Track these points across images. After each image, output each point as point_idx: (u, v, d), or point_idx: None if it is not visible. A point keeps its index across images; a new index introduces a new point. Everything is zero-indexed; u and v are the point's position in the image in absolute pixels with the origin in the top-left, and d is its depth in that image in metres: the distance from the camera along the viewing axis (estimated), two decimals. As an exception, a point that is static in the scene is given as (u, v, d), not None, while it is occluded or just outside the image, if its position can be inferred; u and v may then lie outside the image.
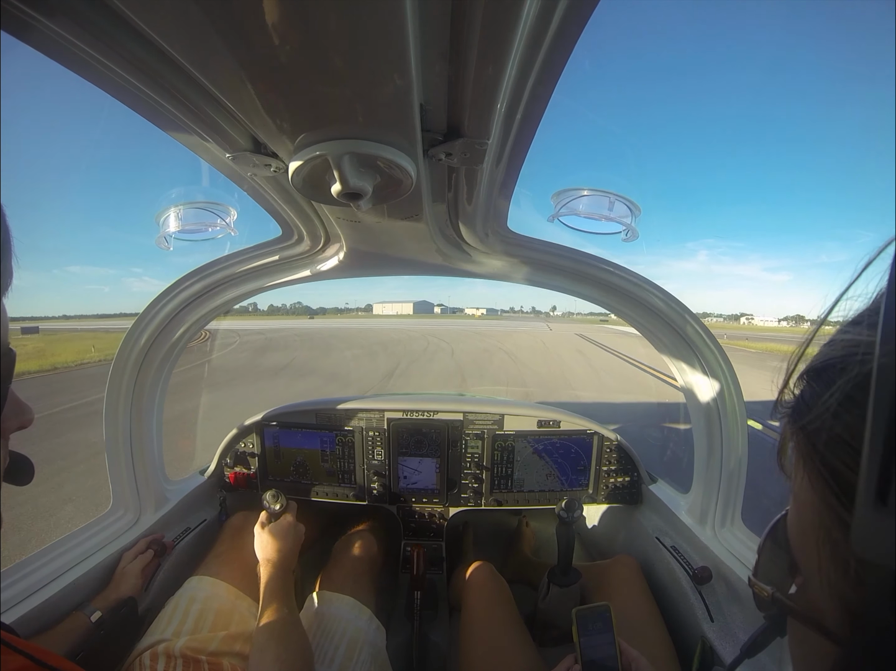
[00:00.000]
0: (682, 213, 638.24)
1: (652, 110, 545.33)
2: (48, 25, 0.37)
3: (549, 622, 1.16)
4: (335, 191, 0.51)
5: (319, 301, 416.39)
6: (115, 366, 1.11)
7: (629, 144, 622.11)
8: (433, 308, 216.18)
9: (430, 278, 22.82)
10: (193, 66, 0.38)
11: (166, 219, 0.83)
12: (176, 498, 1.31)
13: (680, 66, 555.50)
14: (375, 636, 1.04)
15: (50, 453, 4.55)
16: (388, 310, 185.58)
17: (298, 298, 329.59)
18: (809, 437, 0.24)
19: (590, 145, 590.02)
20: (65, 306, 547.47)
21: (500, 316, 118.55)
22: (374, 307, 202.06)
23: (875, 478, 0.17)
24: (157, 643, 0.86)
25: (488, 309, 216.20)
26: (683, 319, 1.03)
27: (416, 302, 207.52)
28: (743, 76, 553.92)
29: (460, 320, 64.55)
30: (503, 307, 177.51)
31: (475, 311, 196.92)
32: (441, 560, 1.46)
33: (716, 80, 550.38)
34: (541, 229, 0.89)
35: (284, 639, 0.80)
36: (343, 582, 1.13)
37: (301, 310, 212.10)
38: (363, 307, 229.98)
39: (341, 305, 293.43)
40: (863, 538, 0.18)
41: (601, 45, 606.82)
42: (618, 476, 1.42)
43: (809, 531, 0.25)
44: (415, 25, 0.34)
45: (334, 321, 68.25)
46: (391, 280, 33.81)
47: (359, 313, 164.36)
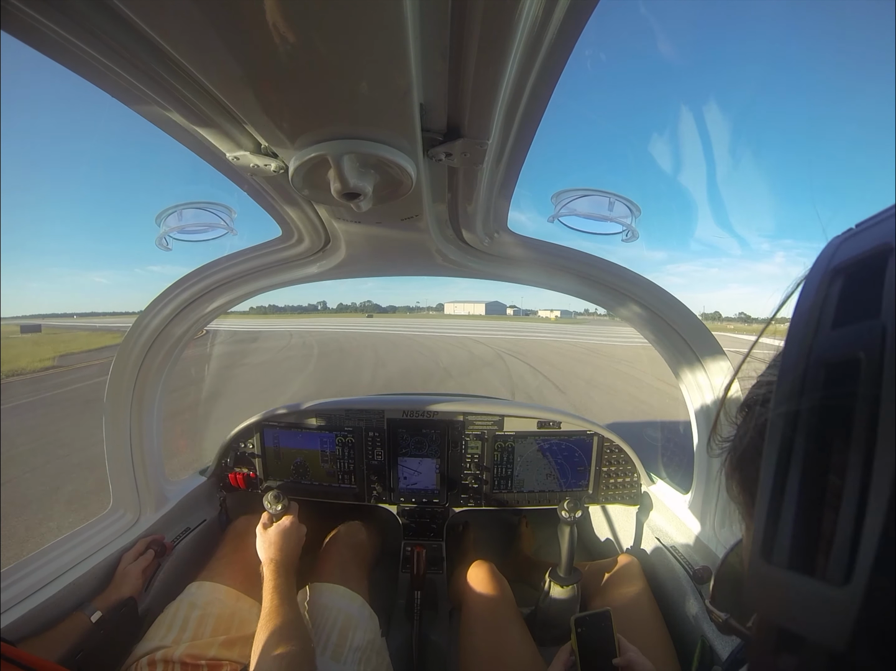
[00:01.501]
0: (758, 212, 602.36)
1: (651, 110, 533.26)
2: (48, 25, 0.37)
3: (550, 621, 1.16)
4: (335, 191, 0.51)
5: (389, 299, 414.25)
6: (116, 367, 1.11)
7: (630, 144, 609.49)
8: (505, 309, 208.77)
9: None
10: (194, 66, 0.38)
11: (167, 219, 0.83)
12: (176, 498, 1.31)
13: (680, 66, 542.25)
14: (368, 622, 1.03)
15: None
16: (460, 310, 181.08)
17: (369, 297, 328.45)
18: (746, 479, 0.26)
19: (590, 145, 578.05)
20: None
21: (576, 319, 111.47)
22: (445, 307, 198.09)
23: (761, 535, 0.17)
24: (155, 650, 0.86)
25: (563, 311, 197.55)
26: (684, 319, 1.03)
27: (488, 303, 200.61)
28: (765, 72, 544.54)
29: (533, 323, 56.94)
30: (577, 308, 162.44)
31: (549, 314, 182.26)
32: (441, 560, 1.46)
33: (718, 79, 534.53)
34: (541, 229, 0.89)
35: (287, 638, 0.80)
36: (331, 571, 1.13)
37: (370, 307, 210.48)
38: (434, 306, 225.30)
39: (412, 304, 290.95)
40: (753, 588, 0.17)
41: (602, 44, 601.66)
42: (618, 476, 1.42)
43: None
44: (415, 25, 0.34)
45: (394, 320, 59.70)
46: (464, 279, 31.31)
47: (430, 312, 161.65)
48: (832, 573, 0.14)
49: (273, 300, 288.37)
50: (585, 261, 0.95)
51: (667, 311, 1.03)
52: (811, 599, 0.15)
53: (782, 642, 0.17)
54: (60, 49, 0.40)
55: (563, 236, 0.86)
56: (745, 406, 0.26)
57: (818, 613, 0.14)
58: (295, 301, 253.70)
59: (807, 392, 0.16)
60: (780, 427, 0.17)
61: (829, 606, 0.14)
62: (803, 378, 0.16)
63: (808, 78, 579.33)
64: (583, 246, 0.95)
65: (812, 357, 0.16)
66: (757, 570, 0.17)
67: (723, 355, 1.04)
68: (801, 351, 0.17)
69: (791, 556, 0.16)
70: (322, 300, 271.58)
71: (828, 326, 0.17)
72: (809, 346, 0.17)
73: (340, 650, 0.92)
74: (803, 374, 0.16)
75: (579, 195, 0.73)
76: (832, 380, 0.15)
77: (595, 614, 0.83)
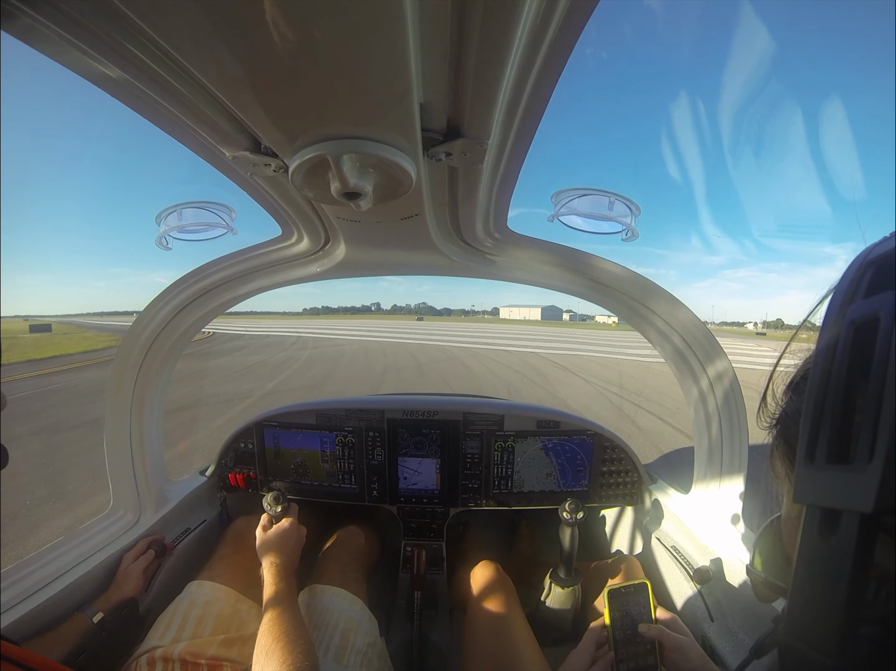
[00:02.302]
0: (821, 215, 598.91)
1: (652, 110, 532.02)
2: (48, 25, 0.37)
3: (550, 622, 1.16)
4: (335, 190, 0.51)
5: (445, 302, 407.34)
6: (116, 366, 1.11)
7: (630, 144, 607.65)
8: (562, 314, 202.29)
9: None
10: (194, 65, 0.38)
11: (167, 218, 0.83)
12: (176, 498, 1.31)
13: (680, 66, 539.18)
14: (369, 626, 1.03)
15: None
16: (515, 314, 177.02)
17: (424, 299, 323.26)
18: (789, 445, 0.28)
19: (590, 145, 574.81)
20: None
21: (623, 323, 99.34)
22: (500, 311, 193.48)
23: (805, 443, 0.22)
24: (154, 648, 0.86)
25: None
26: (684, 320, 1.03)
27: (545, 307, 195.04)
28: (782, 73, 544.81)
29: (588, 330, 48.71)
30: None
31: (607, 319, 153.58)
32: (441, 560, 1.46)
33: (717, 79, 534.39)
34: (541, 229, 0.89)
35: (289, 642, 0.79)
36: (331, 574, 1.13)
37: (424, 310, 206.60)
38: (489, 310, 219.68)
39: (467, 307, 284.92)
40: (799, 489, 0.23)
41: (602, 44, 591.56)
42: (618, 476, 1.41)
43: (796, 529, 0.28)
44: (415, 25, 0.34)
45: (446, 324, 55.91)
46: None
47: (485, 316, 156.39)
48: (859, 458, 0.19)
49: (327, 301, 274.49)
50: (585, 260, 0.95)
51: (667, 310, 1.03)
52: (845, 480, 0.20)
53: (824, 521, 0.21)
54: (61, 48, 0.40)
55: (564, 236, 0.86)
56: (792, 383, 0.30)
57: (850, 488, 0.19)
58: (348, 302, 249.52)
59: (840, 343, 0.21)
60: (820, 366, 0.22)
61: (858, 481, 0.19)
62: (837, 336, 0.22)
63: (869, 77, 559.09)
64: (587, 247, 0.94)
65: (846, 321, 0.21)
66: (803, 475, 0.22)
67: (724, 357, 1.04)
68: (837, 318, 0.22)
69: (828, 454, 0.21)
70: (376, 301, 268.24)
71: (860, 299, 0.22)
72: (844, 313, 0.22)
73: (342, 653, 0.92)
74: (837, 334, 0.22)
75: (579, 195, 0.73)
76: (859, 336, 0.21)
77: (631, 586, 0.79)
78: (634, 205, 0.75)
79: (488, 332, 33.56)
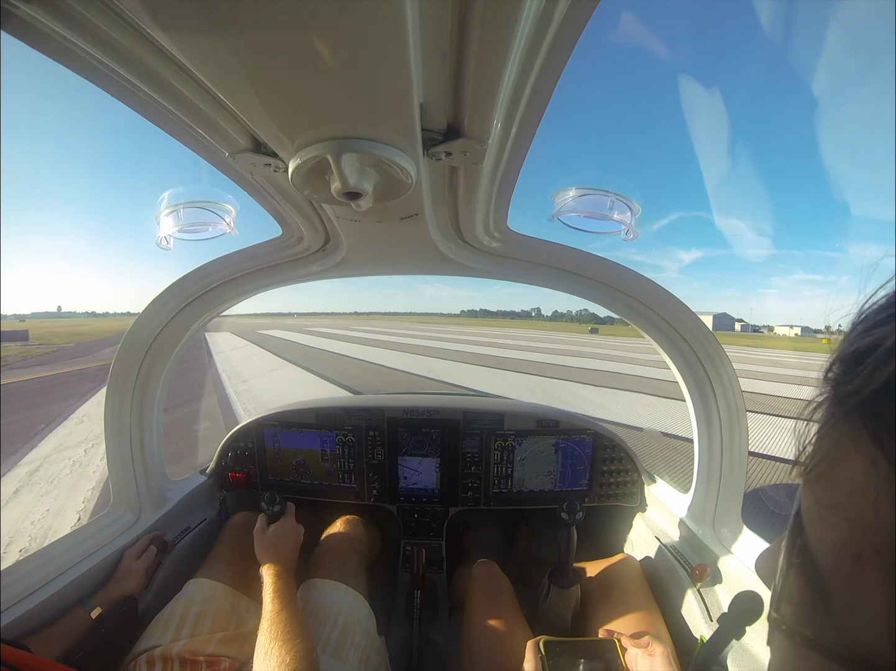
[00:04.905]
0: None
1: (654, 110, 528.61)
2: (48, 25, 0.37)
3: (550, 623, 1.15)
4: (335, 190, 0.51)
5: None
6: (116, 366, 1.11)
7: (630, 144, 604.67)
8: (734, 324, 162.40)
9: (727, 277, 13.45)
10: (193, 65, 0.38)
11: (166, 218, 0.83)
12: (176, 497, 1.31)
13: (680, 66, 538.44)
14: (368, 621, 1.03)
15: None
16: None
17: (586, 305, 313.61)
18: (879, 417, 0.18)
19: (590, 144, 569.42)
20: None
21: (817, 338, 46.57)
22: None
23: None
24: (153, 647, 0.86)
25: (803, 328, 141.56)
26: (684, 319, 1.03)
27: (716, 314, 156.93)
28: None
29: (772, 350, 32.32)
30: (817, 324, 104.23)
31: (788, 331, 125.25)
32: (441, 559, 1.46)
33: (716, 79, 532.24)
34: (541, 228, 0.88)
35: (287, 642, 0.79)
36: (329, 567, 1.12)
37: (587, 317, 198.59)
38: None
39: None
40: None
41: (602, 44, 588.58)
42: (618, 475, 1.41)
43: (870, 551, 0.19)
44: (415, 25, 0.34)
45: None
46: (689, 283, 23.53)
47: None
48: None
49: (485, 304, 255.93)
50: (586, 259, 0.95)
51: (667, 310, 1.03)
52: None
53: None
54: (60, 48, 0.40)
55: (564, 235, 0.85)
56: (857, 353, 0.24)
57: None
58: (506, 305, 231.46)
59: None
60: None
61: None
62: None
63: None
64: (587, 246, 0.94)
65: None
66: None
67: (725, 357, 1.04)
68: None
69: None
70: (536, 306, 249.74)
71: None
72: None
73: (341, 648, 0.92)
74: None
75: (579, 194, 0.73)
76: None
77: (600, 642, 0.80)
78: (634, 204, 0.75)
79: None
